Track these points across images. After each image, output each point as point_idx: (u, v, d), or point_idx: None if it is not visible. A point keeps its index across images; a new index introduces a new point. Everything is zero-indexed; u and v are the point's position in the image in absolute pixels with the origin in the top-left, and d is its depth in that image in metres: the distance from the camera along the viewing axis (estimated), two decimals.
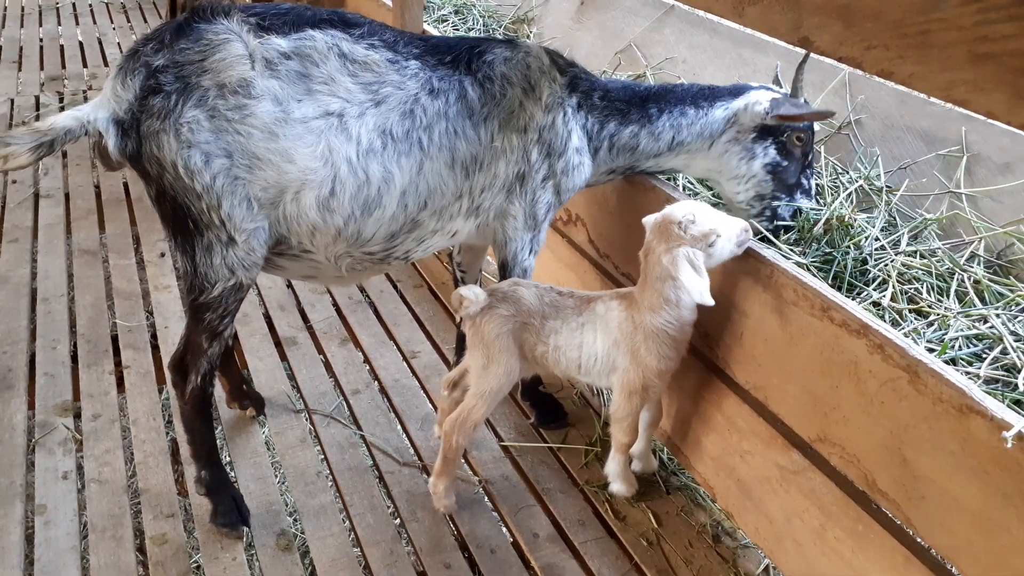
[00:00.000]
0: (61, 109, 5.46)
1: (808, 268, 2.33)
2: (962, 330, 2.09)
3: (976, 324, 2.10)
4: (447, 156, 2.25)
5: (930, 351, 1.91)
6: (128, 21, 7.68)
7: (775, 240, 2.48)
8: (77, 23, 7.56)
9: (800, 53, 2.61)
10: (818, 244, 2.46)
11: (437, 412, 2.77)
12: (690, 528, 2.54)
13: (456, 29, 4.89)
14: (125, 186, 4.48)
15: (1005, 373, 1.94)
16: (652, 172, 2.64)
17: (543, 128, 2.36)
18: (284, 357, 3.24)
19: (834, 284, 2.33)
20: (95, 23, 7.58)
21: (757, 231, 2.52)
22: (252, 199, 2.08)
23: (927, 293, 2.26)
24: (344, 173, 2.12)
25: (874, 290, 2.29)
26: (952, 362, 2.00)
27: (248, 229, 2.10)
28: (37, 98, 5.73)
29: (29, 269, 3.68)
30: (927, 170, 2.76)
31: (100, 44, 7.00)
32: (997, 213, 2.54)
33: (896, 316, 2.21)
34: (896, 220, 2.63)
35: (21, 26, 7.38)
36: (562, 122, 2.38)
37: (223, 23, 2.02)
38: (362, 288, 3.68)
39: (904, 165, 2.82)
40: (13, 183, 4.45)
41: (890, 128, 2.94)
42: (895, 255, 2.38)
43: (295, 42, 2.07)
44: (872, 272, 2.35)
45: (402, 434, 2.88)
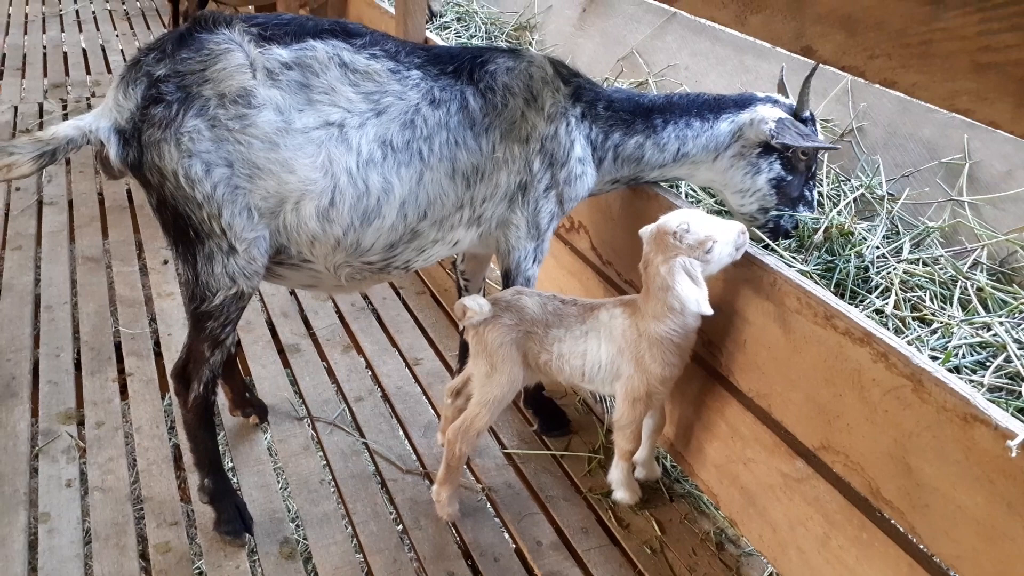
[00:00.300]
0: (65, 116, 5.49)
1: (811, 276, 2.33)
2: (966, 338, 2.08)
3: (980, 332, 2.10)
4: (447, 166, 2.25)
5: (934, 359, 1.91)
6: (131, 28, 7.71)
7: (777, 248, 2.48)
8: (80, 30, 7.59)
9: (802, 60, 2.62)
10: (819, 252, 2.46)
11: (440, 419, 2.77)
12: (694, 536, 2.54)
13: (459, 36, 4.90)
14: (128, 193, 4.50)
15: (1009, 381, 1.94)
16: (656, 181, 2.65)
17: (545, 138, 2.36)
18: (287, 364, 3.24)
19: (837, 292, 2.33)
20: (98, 30, 7.61)
21: (757, 238, 2.52)
22: (252, 208, 2.08)
23: (930, 301, 2.26)
24: (344, 183, 2.12)
25: (877, 298, 2.29)
26: (956, 370, 1.99)
27: (249, 238, 2.10)
28: (41, 105, 5.75)
29: (33, 276, 3.69)
30: (930, 178, 2.77)
31: (103, 51, 7.03)
32: (1000, 220, 2.54)
33: (899, 324, 2.21)
34: (899, 228, 2.64)
35: (25, 33, 7.41)
36: (565, 132, 2.37)
37: (224, 33, 2.02)
38: (365, 295, 3.69)
39: (906, 173, 2.82)
40: (17, 190, 4.46)
41: (892, 136, 2.94)
42: (897, 263, 2.38)
43: (296, 52, 2.07)
44: (875, 280, 2.35)
45: (405, 441, 2.88)
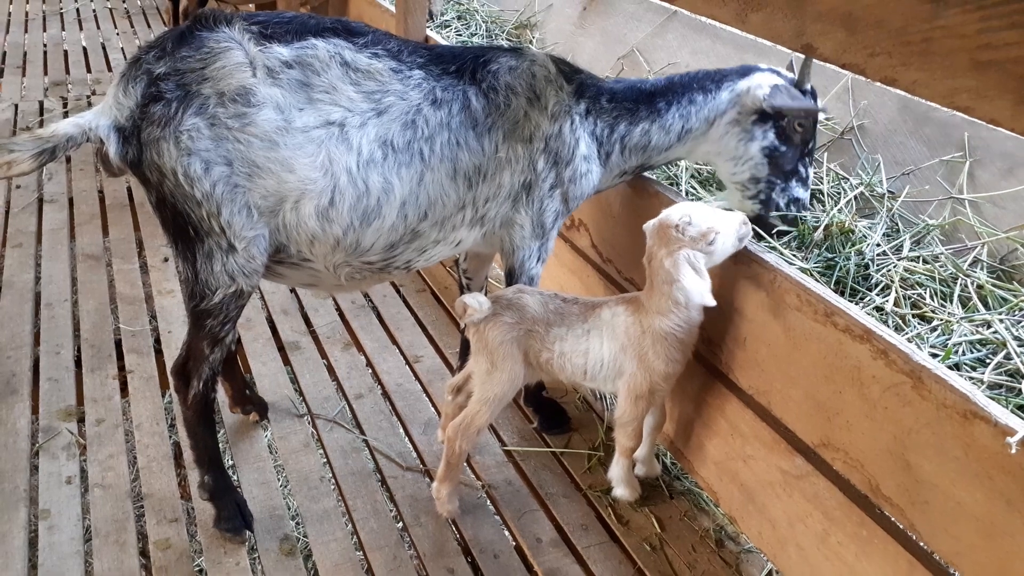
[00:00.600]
0: (65, 114, 5.49)
1: (811, 273, 2.33)
2: (966, 335, 2.09)
3: (980, 329, 2.10)
4: (449, 167, 2.25)
5: (933, 356, 1.91)
6: (132, 26, 7.70)
7: (777, 246, 2.48)
8: (81, 28, 7.59)
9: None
10: (819, 250, 2.46)
11: (440, 417, 2.77)
12: (693, 533, 2.54)
13: (459, 35, 4.90)
14: (129, 191, 4.50)
15: (1009, 378, 1.94)
16: (659, 166, 2.64)
17: (549, 137, 2.35)
18: (287, 362, 3.24)
19: (837, 289, 2.33)
20: (99, 28, 7.61)
21: (757, 235, 2.52)
22: (252, 207, 2.08)
23: (930, 298, 2.26)
24: (344, 183, 2.12)
25: (877, 295, 2.29)
26: (956, 367, 2.00)
27: (248, 237, 2.10)
28: (41, 103, 5.75)
29: (33, 274, 3.69)
30: (930, 175, 2.77)
31: (104, 49, 7.03)
32: (1000, 218, 2.54)
33: (899, 321, 2.21)
34: (899, 226, 2.64)
35: (25, 31, 7.41)
36: (569, 130, 2.37)
37: (224, 31, 2.02)
38: (365, 293, 3.69)
39: (907, 171, 2.82)
40: (17, 188, 4.46)
41: (893, 133, 2.94)
42: (898, 260, 2.39)
43: (297, 50, 2.07)
44: (875, 277, 2.36)
45: (405, 439, 2.89)
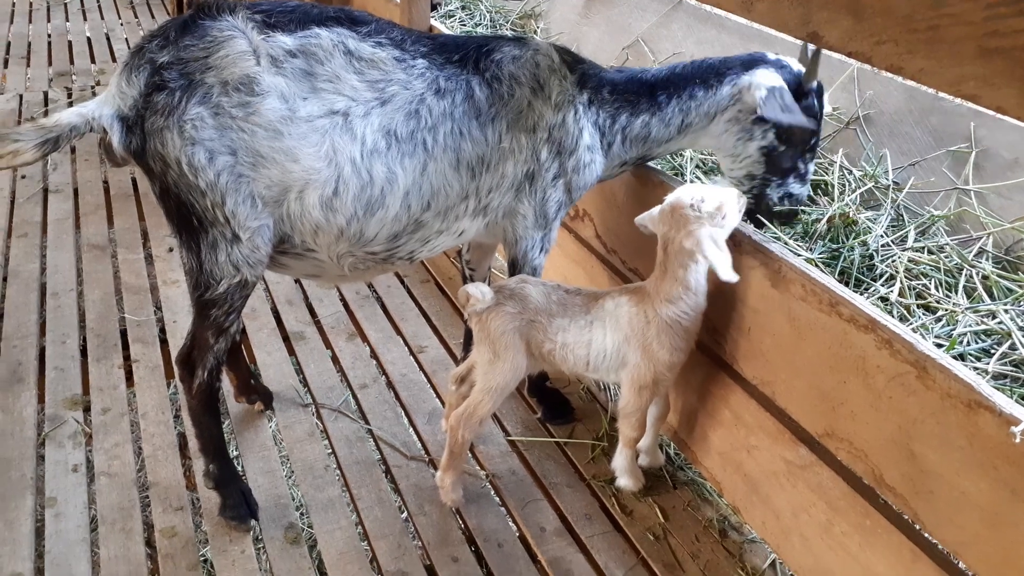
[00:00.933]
0: (70, 105, 5.49)
1: (816, 264, 2.33)
2: (970, 325, 2.08)
3: (985, 320, 2.10)
4: (452, 157, 2.24)
5: (938, 346, 1.91)
6: (136, 17, 7.70)
7: (782, 236, 2.48)
8: (85, 19, 7.59)
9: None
10: (824, 241, 2.46)
11: (444, 407, 2.78)
12: (697, 523, 2.54)
13: (463, 25, 4.88)
14: (134, 181, 4.50)
15: (1014, 368, 1.94)
16: (661, 156, 2.64)
17: (553, 127, 2.35)
18: (292, 352, 3.25)
19: (841, 280, 2.33)
20: (103, 19, 7.60)
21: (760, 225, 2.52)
22: (256, 197, 2.08)
23: (935, 289, 2.26)
24: (348, 173, 2.11)
25: (882, 285, 2.29)
26: (960, 357, 2.00)
27: (252, 227, 2.10)
28: (45, 94, 5.75)
29: (38, 264, 3.70)
30: (936, 166, 2.76)
31: (108, 40, 7.03)
32: (1005, 209, 2.53)
33: (904, 311, 2.21)
34: (904, 217, 2.63)
35: (29, 22, 7.41)
36: (573, 120, 2.36)
37: (228, 20, 2.01)
38: (369, 283, 3.69)
39: (913, 162, 2.81)
40: (22, 178, 4.47)
41: (899, 124, 2.93)
42: (903, 251, 2.38)
43: (300, 40, 2.06)
44: (880, 268, 2.35)
45: (409, 428, 2.89)
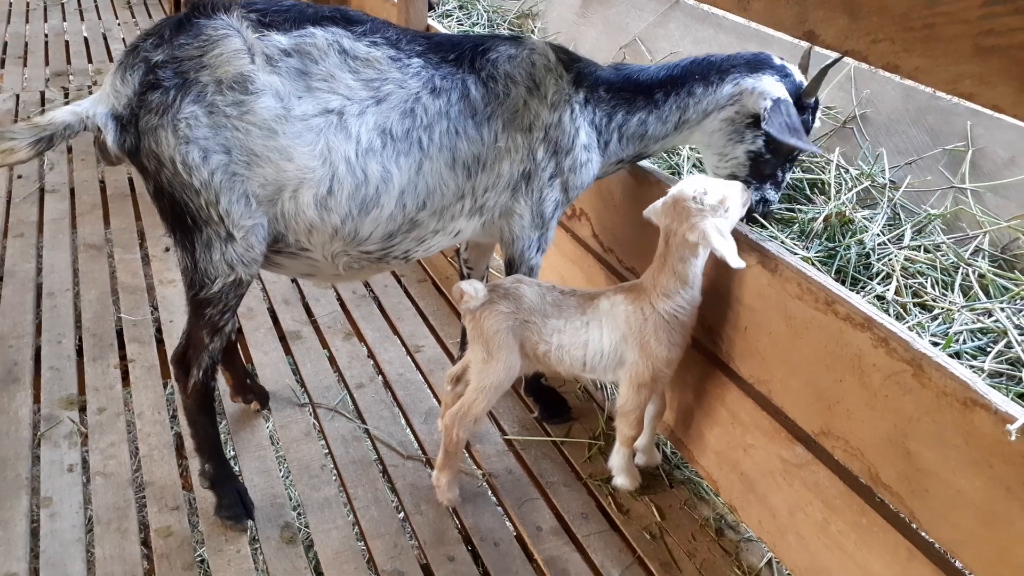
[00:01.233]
0: (66, 104, 5.48)
1: (812, 262, 2.33)
2: (967, 324, 2.08)
3: (981, 318, 2.10)
4: (447, 156, 2.24)
5: (934, 345, 1.91)
6: (133, 17, 7.69)
7: (779, 234, 2.48)
8: (82, 19, 7.57)
9: (805, 47, 2.61)
10: (820, 239, 2.46)
11: (441, 406, 2.78)
12: (693, 522, 2.54)
13: (461, 24, 4.88)
14: (130, 181, 4.50)
15: (1009, 367, 1.94)
16: (656, 154, 2.64)
17: (549, 126, 2.34)
18: (288, 351, 3.24)
19: (838, 278, 2.33)
20: (100, 19, 7.59)
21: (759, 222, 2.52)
22: (250, 195, 2.07)
23: (931, 287, 2.26)
24: (342, 172, 2.11)
25: (878, 284, 2.29)
26: (956, 356, 1.99)
27: (247, 226, 2.09)
28: (42, 94, 5.75)
29: (35, 264, 3.69)
30: (932, 165, 2.76)
31: (105, 40, 7.02)
32: (1002, 208, 2.53)
33: (900, 310, 2.21)
34: (900, 215, 2.63)
35: (26, 22, 7.40)
36: (569, 119, 2.36)
37: (222, 19, 2.01)
38: (366, 283, 3.69)
39: (910, 161, 2.81)
40: (19, 178, 4.47)
41: (895, 123, 2.93)
42: (899, 250, 2.38)
43: (295, 39, 2.05)
44: (876, 267, 2.35)
45: (406, 428, 2.89)
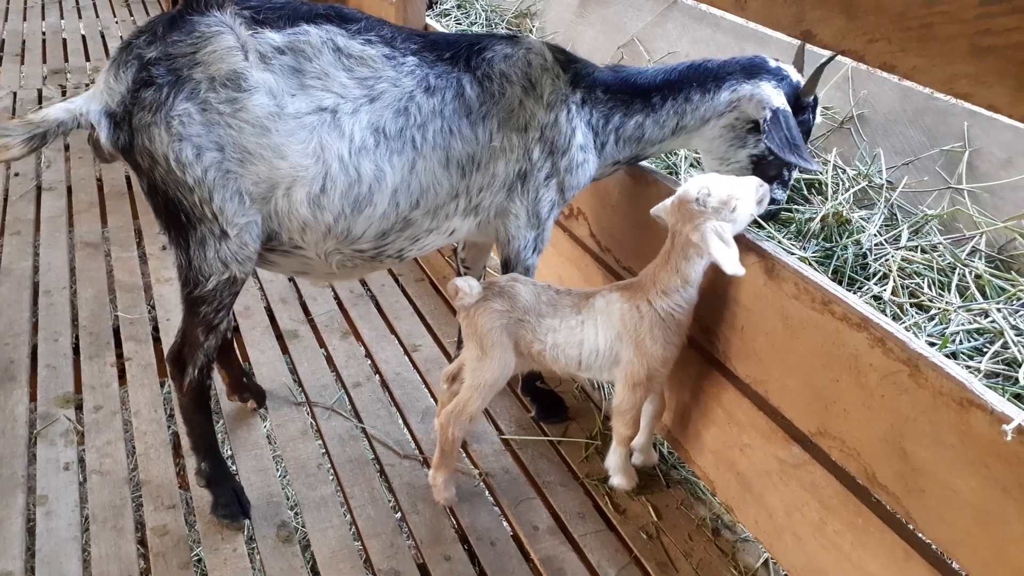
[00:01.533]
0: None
1: (809, 262, 2.33)
2: (963, 324, 2.09)
3: (977, 318, 2.10)
4: (441, 155, 2.23)
5: (931, 345, 1.91)
6: (131, 15, 7.68)
7: (776, 234, 2.48)
8: (80, 16, 7.57)
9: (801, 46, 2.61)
10: (817, 240, 2.46)
11: (437, 405, 2.78)
12: (690, 521, 2.54)
13: (459, 23, 4.88)
14: (127, 179, 4.49)
15: (1006, 367, 1.95)
16: (653, 156, 2.63)
17: (545, 126, 2.33)
18: (285, 350, 3.24)
19: (835, 279, 2.33)
20: (98, 16, 7.58)
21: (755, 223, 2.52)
22: (244, 193, 2.07)
23: (928, 288, 2.26)
24: (335, 170, 2.10)
25: (875, 284, 2.29)
26: (953, 356, 2.00)
27: (240, 223, 2.09)
28: (40, 91, 5.73)
29: (31, 262, 3.68)
30: (929, 166, 2.76)
31: (103, 37, 7.01)
32: (999, 208, 2.54)
33: (897, 310, 2.21)
34: (897, 216, 2.63)
35: (24, 19, 7.39)
36: (566, 119, 2.35)
37: (216, 15, 2.00)
38: (363, 282, 3.68)
39: (907, 161, 2.81)
40: (15, 176, 4.46)
41: (893, 123, 2.93)
42: (896, 250, 2.38)
43: (289, 36, 2.05)
44: (873, 267, 2.35)
45: (403, 427, 2.89)
